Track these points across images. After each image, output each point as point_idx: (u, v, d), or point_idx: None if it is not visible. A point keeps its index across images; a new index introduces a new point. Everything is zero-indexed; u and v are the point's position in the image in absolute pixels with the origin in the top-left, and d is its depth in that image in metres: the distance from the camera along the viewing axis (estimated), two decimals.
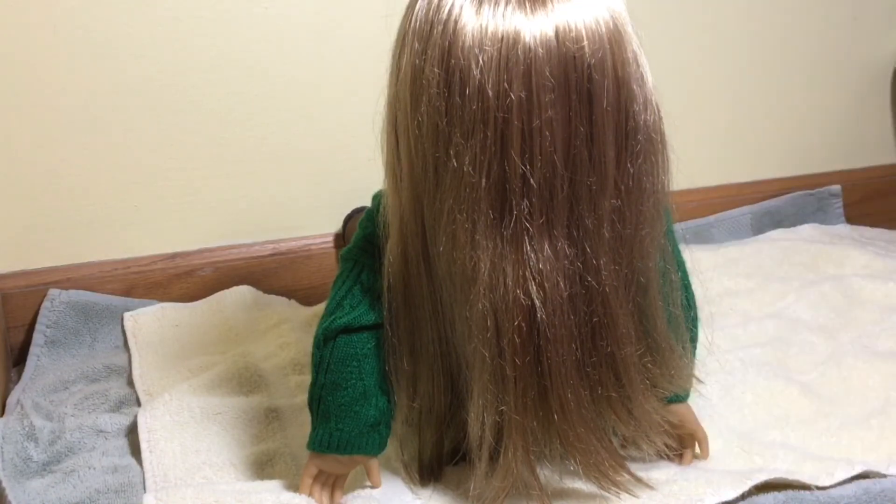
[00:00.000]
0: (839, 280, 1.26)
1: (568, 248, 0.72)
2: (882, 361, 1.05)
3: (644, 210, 0.74)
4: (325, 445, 0.80)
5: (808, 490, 0.80)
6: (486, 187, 0.70)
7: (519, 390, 0.74)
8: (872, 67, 1.61)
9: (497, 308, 0.72)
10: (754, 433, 0.94)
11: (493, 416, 0.74)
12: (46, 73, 1.15)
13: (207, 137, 1.23)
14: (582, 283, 0.73)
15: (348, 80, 1.27)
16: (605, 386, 0.76)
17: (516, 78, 0.68)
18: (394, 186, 0.76)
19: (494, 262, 0.71)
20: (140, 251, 1.24)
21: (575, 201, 0.71)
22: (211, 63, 1.21)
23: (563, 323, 0.73)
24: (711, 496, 0.79)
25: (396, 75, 0.73)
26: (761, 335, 1.14)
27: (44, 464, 0.90)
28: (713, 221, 1.50)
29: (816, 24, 1.55)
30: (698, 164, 1.46)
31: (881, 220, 1.60)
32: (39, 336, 1.14)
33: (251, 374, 1.04)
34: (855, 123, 1.63)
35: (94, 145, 1.19)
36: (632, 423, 0.78)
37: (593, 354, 0.75)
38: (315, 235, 1.31)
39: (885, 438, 0.91)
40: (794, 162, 1.59)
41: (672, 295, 0.80)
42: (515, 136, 0.69)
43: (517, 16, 0.68)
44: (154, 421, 0.94)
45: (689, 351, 0.84)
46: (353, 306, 0.80)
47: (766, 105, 1.55)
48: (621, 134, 0.71)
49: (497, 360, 0.73)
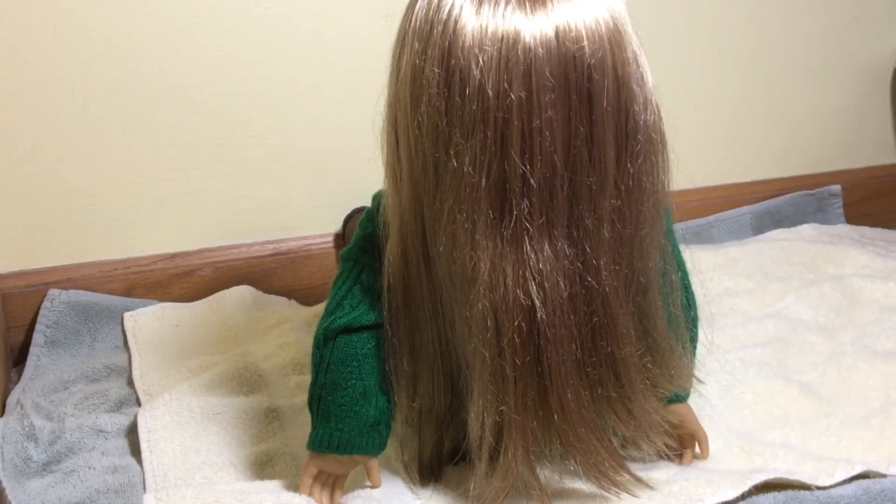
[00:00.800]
0: (839, 280, 1.26)
1: (568, 248, 0.72)
2: (882, 361, 1.05)
3: (644, 210, 0.74)
4: (325, 445, 0.80)
5: (808, 490, 0.80)
6: (486, 187, 0.70)
7: (519, 390, 0.73)
8: (872, 67, 1.61)
9: (497, 308, 0.72)
10: (754, 433, 0.94)
11: (493, 416, 0.74)
12: (46, 73, 1.15)
13: (207, 137, 1.23)
14: (582, 283, 0.73)
15: (348, 80, 1.27)
16: (605, 386, 0.76)
17: (516, 78, 0.68)
18: (394, 186, 0.76)
19: (494, 262, 0.71)
20: (140, 251, 1.24)
21: (575, 201, 0.71)
22: (211, 63, 1.21)
23: (563, 323, 0.73)
24: (711, 496, 0.79)
25: (396, 75, 0.73)
26: (761, 335, 1.14)
27: (44, 464, 0.90)
28: (713, 221, 1.50)
29: (816, 24, 1.55)
30: (698, 164, 1.46)
31: (881, 220, 1.60)
32: (39, 336, 1.14)
33: (251, 374, 1.04)
34: (855, 123, 1.63)
35: (94, 145, 1.19)
36: (632, 423, 0.78)
37: (593, 354, 0.75)
38: (315, 235, 1.31)
39: (885, 438, 0.91)
40: (794, 162, 1.59)
41: (672, 295, 0.80)
42: (515, 136, 0.69)
43: (517, 16, 0.68)
44: (154, 421, 0.94)
45: (689, 351, 0.84)
46: (353, 306, 0.80)
47: (766, 105, 1.55)
48: (621, 134, 0.71)
49: (497, 360, 0.73)
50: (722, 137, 1.54)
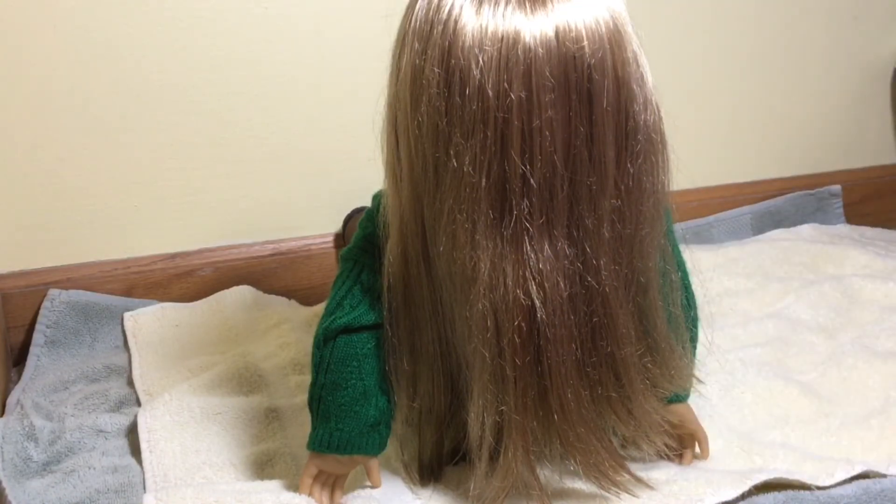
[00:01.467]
0: (839, 280, 1.26)
1: (568, 248, 0.72)
2: (882, 361, 1.05)
3: (644, 210, 0.74)
4: (326, 445, 0.80)
5: (808, 490, 0.80)
6: (486, 187, 0.70)
7: (519, 390, 0.74)
8: (872, 67, 1.61)
9: (497, 308, 0.72)
10: (754, 433, 0.94)
11: (493, 416, 0.74)
12: (46, 73, 1.15)
13: (207, 137, 1.23)
14: (582, 283, 0.73)
15: (348, 81, 1.27)
16: (605, 386, 0.76)
17: (516, 78, 0.68)
18: (394, 186, 0.76)
19: (494, 262, 0.71)
20: (140, 251, 1.24)
21: (575, 201, 0.71)
22: (211, 63, 1.21)
23: (563, 323, 0.73)
24: (711, 496, 0.79)
25: (396, 75, 0.73)
26: (761, 335, 1.14)
27: (44, 464, 0.90)
28: (713, 221, 1.50)
29: (816, 24, 1.55)
30: (698, 164, 1.46)
31: (881, 220, 1.60)
32: (39, 336, 1.14)
33: (251, 374, 1.04)
34: (855, 123, 1.63)
35: (94, 145, 1.19)
36: (632, 423, 0.78)
37: (593, 354, 0.75)
38: (315, 235, 1.31)
39: (885, 438, 0.91)
40: (794, 162, 1.59)
41: (672, 295, 0.80)
42: (515, 136, 0.69)
43: (517, 16, 0.68)
44: (154, 421, 0.94)
45: (688, 351, 0.84)
46: (353, 306, 0.80)
47: (767, 105, 1.55)
48: (621, 134, 0.71)
49: (497, 360, 0.73)
50: (722, 137, 1.54)
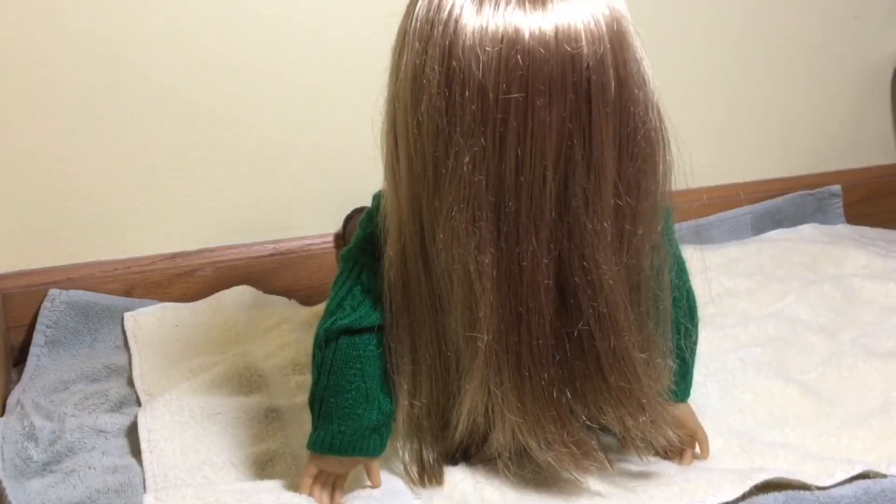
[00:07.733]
0: (839, 280, 1.26)
1: (567, 247, 0.72)
2: (882, 361, 1.05)
3: (643, 210, 0.74)
4: (327, 447, 0.80)
5: (808, 490, 0.80)
6: (485, 186, 0.70)
7: (514, 385, 0.74)
8: (872, 67, 1.61)
9: (493, 303, 0.72)
10: (754, 433, 0.94)
11: (486, 403, 0.75)
12: (46, 73, 1.15)
13: (207, 137, 1.23)
14: (580, 282, 0.73)
15: (348, 80, 1.27)
16: (604, 384, 0.76)
17: (516, 78, 0.68)
18: (392, 185, 0.76)
19: (492, 259, 0.71)
20: (140, 251, 1.24)
21: (574, 200, 0.71)
22: (211, 63, 1.21)
23: (561, 321, 0.73)
24: (711, 496, 0.79)
25: (396, 75, 0.73)
26: (761, 335, 1.14)
27: (44, 464, 0.90)
28: (713, 221, 1.50)
29: (816, 24, 1.55)
30: (698, 164, 1.46)
31: (881, 220, 1.60)
32: (39, 336, 1.14)
33: (251, 374, 1.04)
34: (855, 123, 1.63)
35: (94, 145, 1.19)
36: (632, 422, 0.78)
37: (592, 353, 0.75)
38: (315, 235, 1.31)
39: (885, 438, 0.91)
40: (794, 162, 1.59)
41: (670, 294, 0.80)
42: (515, 136, 0.69)
43: (517, 15, 0.68)
44: (154, 421, 0.94)
45: (687, 351, 0.84)
46: (353, 307, 0.80)
47: (766, 105, 1.55)
48: (621, 134, 0.71)
49: (493, 357, 0.73)
50: (722, 137, 1.53)
